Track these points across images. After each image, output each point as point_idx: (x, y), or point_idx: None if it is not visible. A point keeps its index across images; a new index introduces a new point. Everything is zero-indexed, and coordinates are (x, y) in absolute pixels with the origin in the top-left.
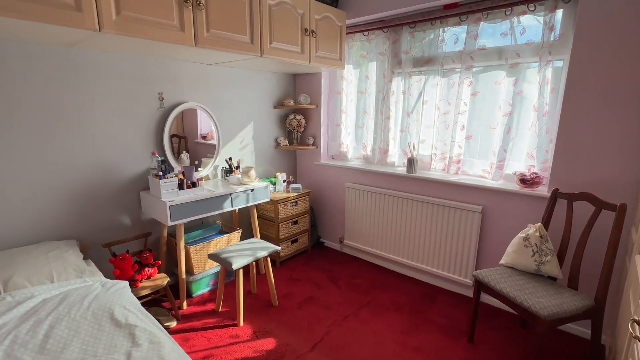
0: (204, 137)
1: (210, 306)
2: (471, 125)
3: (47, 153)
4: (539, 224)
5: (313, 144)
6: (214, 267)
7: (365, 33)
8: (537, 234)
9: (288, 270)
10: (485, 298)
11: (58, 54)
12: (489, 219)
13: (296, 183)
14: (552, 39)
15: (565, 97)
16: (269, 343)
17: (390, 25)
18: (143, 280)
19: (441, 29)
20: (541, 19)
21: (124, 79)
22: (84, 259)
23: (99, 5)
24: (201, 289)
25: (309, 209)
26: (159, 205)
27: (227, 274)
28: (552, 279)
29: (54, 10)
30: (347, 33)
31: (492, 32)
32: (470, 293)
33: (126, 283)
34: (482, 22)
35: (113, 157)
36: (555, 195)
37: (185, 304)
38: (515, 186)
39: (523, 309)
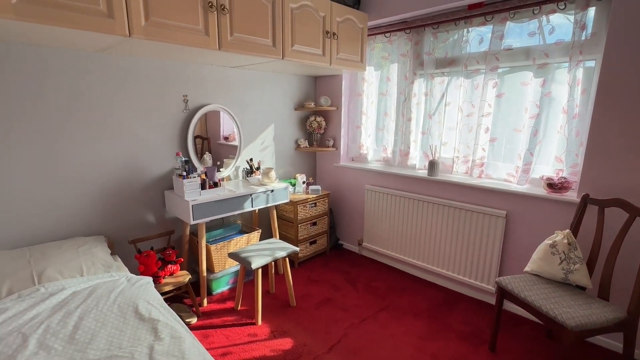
0: (226, 138)
1: (229, 304)
2: (496, 127)
3: (79, 154)
4: (567, 230)
5: (333, 146)
6: (233, 265)
7: (387, 34)
8: (565, 241)
9: (306, 271)
10: (509, 306)
11: (90, 59)
12: (513, 224)
13: (315, 185)
14: (583, 38)
15: (597, 99)
16: (286, 343)
17: (413, 27)
18: (166, 276)
19: (465, 30)
20: (572, 18)
21: (150, 82)
22: (111, 254)
23: (130, 11)
24: (221, 287)
25: (328, 210)
26: (182, 204)
27: (246, 273)
28: (581, 288)
29: (88, 17)
30: (368, 35)
31: (519, 32)
32: (492, 300)
33: (150, 279)
34: (508, 22)
35: (139, 157)
36: (586, 201)
37: (205, 301)
38: (542, 191)
39: (549, 319)
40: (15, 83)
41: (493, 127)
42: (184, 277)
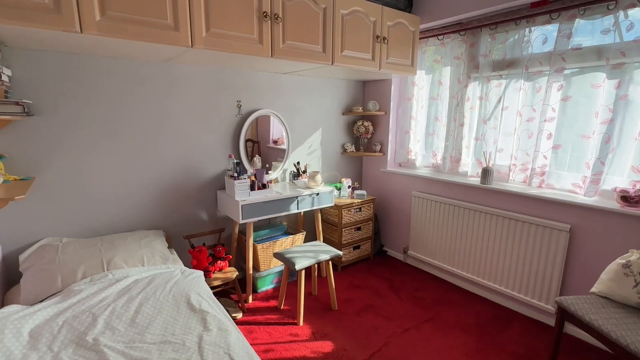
0: (275, 142)
1: (273, 303)
2: (560, 133)
3: (143, 155)
4: None
5: (380, 151)
6: (278, 265)
7: (440, 37)
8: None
9: (349, 276)
10: (570, 329)
11: (156, 69)
12: (578, 240)
13: (361, 189)
14: None
15: None
16: (326, 346)
17: (468, 28)
18: (215, 272)
19: (527, 29)
20: None
21: (207, 88)
22: (168, 247)
23: (193, 24)
24: (266, 286)
25: (372, 216)
26: (232, 204)
27: (290, 273)
28: None
29: (157, 30)
30: (420, 38)
31: (590, 30)
32: (550, 321)
33: (201, 273)
34: (577, 19)
35: (195, 158)
36: None
37: (250, 298)
38: (614, 204)
39: (619, 347)
40: (95, 93)
41: (557, 133)
42: (232, 273)
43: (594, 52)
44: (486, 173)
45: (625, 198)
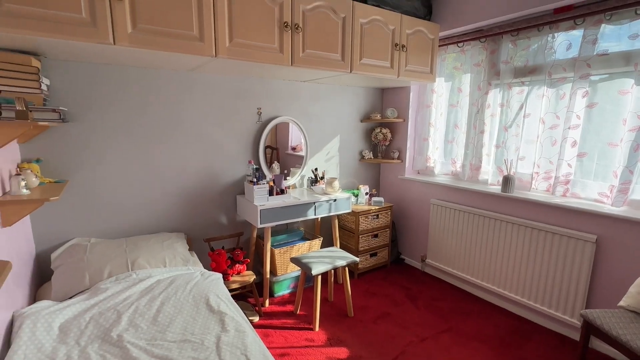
0: (293, 148)
1: (289, 307)
2: (585, 141)
3: (167, 160)
4: None
5: (398, 158)
6: (295, 270)
7: (460, 44)
8: None
9: (365, 284)
10: (596, 344)
11: (180, 77)
12: (605, 251)
13: (378, 196)
14: None
15: None
16: (341, 352)
17: (489, 35)
18: (233, 275)
19: (550, 35)
20: None
21: (228, 96)
22: (189, 250)
23: (217, 35)
24: (282, 290)
25: (390, 223)
26: (251, 209)
27: (306, 278)
28: None
29: (183, 42)
30: (439, 45)
31: (617, 35)
32: (575, 335)
33: (220, 275)
34: (603, 24)
35: (216, 164)
36: None
37: (267, 302)
38: None
39: None
40: (123, 101)
41: (582, 141)
42: (250, 277)
43: (621, 57)
44: (507, 181)
45: None
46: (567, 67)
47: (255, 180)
